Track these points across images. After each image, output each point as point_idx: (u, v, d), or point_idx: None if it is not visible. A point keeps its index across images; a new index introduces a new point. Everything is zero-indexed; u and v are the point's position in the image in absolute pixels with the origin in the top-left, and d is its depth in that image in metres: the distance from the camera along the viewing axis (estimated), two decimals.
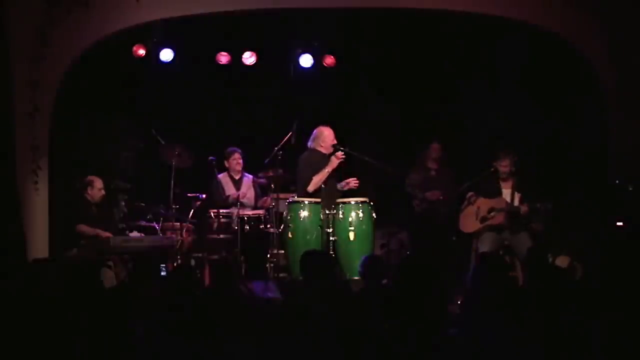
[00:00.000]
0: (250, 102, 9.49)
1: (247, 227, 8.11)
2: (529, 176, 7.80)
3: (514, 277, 7.44)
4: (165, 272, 7.51)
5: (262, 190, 8.71)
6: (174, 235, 8.17)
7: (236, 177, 8.72)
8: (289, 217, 7.65)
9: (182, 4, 7.90)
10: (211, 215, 8.16)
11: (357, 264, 5.91)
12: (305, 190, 7.73)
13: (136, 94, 9.10)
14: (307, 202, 7.63)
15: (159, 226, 8.25)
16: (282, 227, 7.76)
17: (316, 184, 7.65)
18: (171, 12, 7.92)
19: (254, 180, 8.72)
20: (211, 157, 8.37)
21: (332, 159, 7.67)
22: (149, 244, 7.55)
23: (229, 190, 8.57)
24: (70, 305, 4.62)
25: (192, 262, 8.12)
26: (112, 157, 8.91)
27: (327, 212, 7.54)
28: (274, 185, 8.10)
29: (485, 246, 7.57)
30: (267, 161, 8.16)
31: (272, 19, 8.49)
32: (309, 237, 7.55)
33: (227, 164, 8.69)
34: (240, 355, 4.32)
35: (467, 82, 9.06)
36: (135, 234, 7.97)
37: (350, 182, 7.82)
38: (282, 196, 8.11)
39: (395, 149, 9.06)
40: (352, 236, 7.51)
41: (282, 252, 7.91)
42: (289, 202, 7.76)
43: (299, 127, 8.12)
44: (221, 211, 8.16)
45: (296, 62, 9.12)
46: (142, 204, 8.37)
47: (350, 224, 7.50)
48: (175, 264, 7.79)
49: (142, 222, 8.38)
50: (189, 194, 8.43)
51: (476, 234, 7.75)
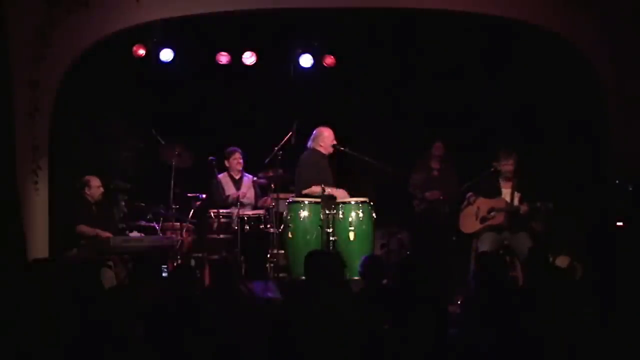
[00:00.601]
0: (250, 102, 9.49)
1: (247, 227, 8.11)
2: (529, 176, 7.80)
3: (514, 277, 7.45)
4: (166, 273, 7.51)
5: (262, 190, 8.71)
6: (174, 235, 8.17)
7: (236, 177, 8.72)
8: (289, 217, 7.65)
9: (182, 4, 7.88)
10: (211, 215, 8.16)
11: (357, 264, 5.91)
12: (300, 191, 7.75)
13: (136, 94, 9.10)
14: (307, 202, 7.63)
15: (159, 226, 8.25)
16: (282, 227, 7.76)
17: (312, 192, 7.66)
18: (171, 12, 7.91)
19: (254, 180, 8.72)
20: (211, 157, 8.37)
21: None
22: (149, 244, 7.54)
23: (229, 190, 8.57)
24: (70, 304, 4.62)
25: (192, 262, 8.12)
26: (112, 157, 8.91)
27: (327, 212, 7.54)
28: (274, 185, 8.10)
29: (485, 246, 7.57)
30: (267, 161, 8.16)
31: (272, 19, 8.48)
32: (309, 237, 7.55)
33: (227, 164, 8.69)
34: None
35: (467, 82, 9.07)
36: (135, 234, 7.96)
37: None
38: (282, 196, 8.11)
39: (395, 148, 9.05)
40: (352, 236, 7.51)
41: (282, 252, 7.91)
42: (289, 202, 7.76)
43: (299, 127, 8.12)
44: (221, 211, 8.16)
45: (296, 62, 9.12)
46: (142, 204, 8.37)
47: (350, 224, 7.50)
48: (175, 264, 7.79)
49: (142, 222, 8.38)
50: (189, 194, 8.43)
51: (476, 234, 7.75)
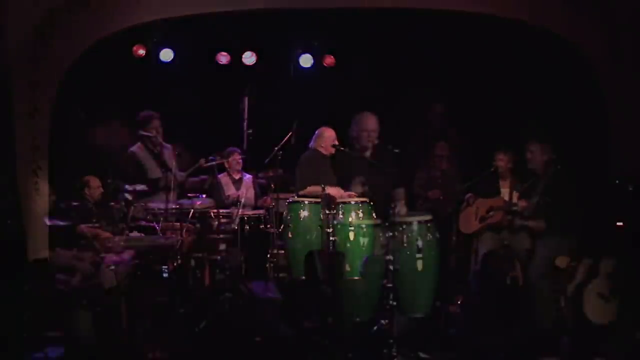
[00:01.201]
0: (250, 101, 9.47)
1: (247, 227, 8.11)
2: (527, 174, 7.79)
3: (514, 277, 7.45)
4: (166, 273, 7.51)
5: (262, 190, 8.70)
6: (174, 235, 8.16)
7: (236, 177, 8.72)
8: (289, 217, 7.64)
9: (182, 4, 7.89)
10: (211, 215, 8.16)
11: (357, 264, 5.92)
12: (297, 192, 7.76)
13: (136, 94, 9.09)
14: (307, 202, 7.62)
15: (159, 226, 8.25)
16: (282, 227, 7.76)
17: (308, 193, 7.66)
18: (171, 12, 7.91)
19: (253, 180, 8.71)
20: (211, 157, 8.37)
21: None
22: (149, 244, 7.55)
23: (229, 190, 8.57)
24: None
25: (192, 262, 8.12)
26: (112, 157, 8.90)
27: (327, 212, 7.54)
28: (274, 185, 8.10)
29: (485, 246, 7.57)
30: (267, 161, 8.16)
31: (272, 19, 8.49)
32: (309, 237, 7.54)
33: (226, 164, 8.69)
34: None
35: (467, 82, 9.07)
36: (135, 234, 7.96)
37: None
38: (282, 196, 8.11)
39: (395, 148, 9.04)
40: (352, 236, 7.51)
41: (282, 252, 7.91)
42: (289, 202, 7.75)
43: (299, 127, 8.12)
44: (221, 211, 8.16)
45: (296, 62, 9.13)
46: (142, 204, 8.36)
47: (350, 224, 7.50)
48: (175, 264, 7.79)
49: (142, 222, 8.37)
50: (189, 194, 8.43)
51: (476, 234, 7.75)
